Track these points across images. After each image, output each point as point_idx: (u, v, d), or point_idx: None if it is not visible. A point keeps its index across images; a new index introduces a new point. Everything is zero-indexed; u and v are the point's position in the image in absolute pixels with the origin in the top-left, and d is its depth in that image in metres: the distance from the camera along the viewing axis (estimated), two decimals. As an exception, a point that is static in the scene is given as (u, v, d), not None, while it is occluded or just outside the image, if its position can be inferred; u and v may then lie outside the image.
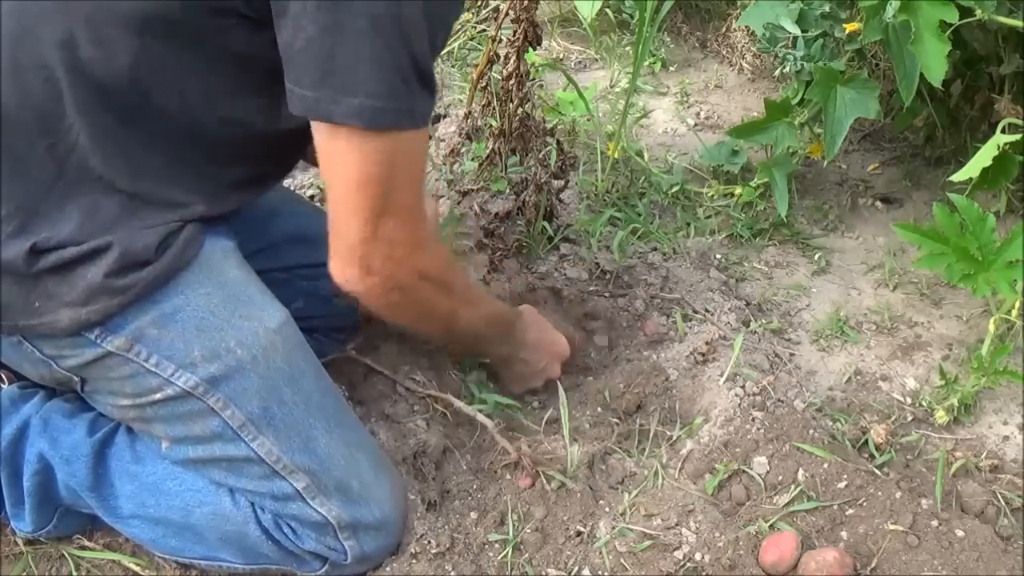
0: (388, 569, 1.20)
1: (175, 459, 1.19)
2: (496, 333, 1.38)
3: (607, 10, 2.62)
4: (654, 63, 2.53)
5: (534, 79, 1.90)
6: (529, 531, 1.22)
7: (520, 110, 1.72)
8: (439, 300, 1.19)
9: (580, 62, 2.59)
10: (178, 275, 1.09)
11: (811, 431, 1.29)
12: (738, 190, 1.93)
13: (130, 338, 1.07)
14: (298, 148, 1.22)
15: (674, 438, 1.41)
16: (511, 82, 1.68)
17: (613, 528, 1.20)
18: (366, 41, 0.95)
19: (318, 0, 0.94)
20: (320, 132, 1.02)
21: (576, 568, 1.17)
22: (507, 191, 1.79)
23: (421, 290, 1.14)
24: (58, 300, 1.05)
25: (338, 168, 1.04)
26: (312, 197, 1.92)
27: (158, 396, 1.10)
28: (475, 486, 1.28)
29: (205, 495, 1.19)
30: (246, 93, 1.08)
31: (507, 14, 1.63)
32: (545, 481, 1.26)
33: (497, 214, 1.72)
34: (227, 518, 1.19)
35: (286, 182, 1.71)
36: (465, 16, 2.53)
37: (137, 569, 1.25)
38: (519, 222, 1.74)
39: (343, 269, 1.09)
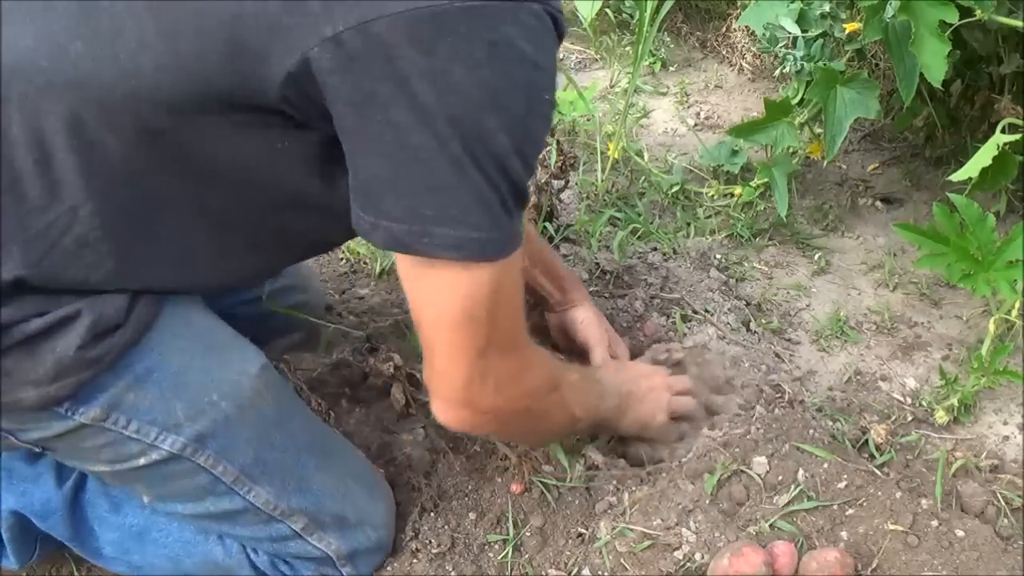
0: (388, 569, 1.20)
1: (160, 512, 1.14)
2: (593, 393, 1.23)
3: (607, 10, 2.63)
4: (654, 63, 2.53)
5: (534, 79, 1.90)
6: (529, 531, 1.22)
7: (520, 110, 1.72)
8: (552, 401, 1.11)
9: (580, 62, 2.59)
10: (148, 333, 0.99)
11: (811, 431, 1.29)
12: (738, 190, 1.93)
13: (105, 407, 0.98)
14: (312, 252, 1.18)
15: (673, 437, 1.41)
16: (511, 82, 1.68)
17: (613, 528, 1.19)
18: (460, 167, 0.84)
19: (401, 120, 0.82)
20: (407, 264, 0.91)
21: (576, 568, 1.17)
22: (507, 191, 1.79)
23: (536, 405, 1.08)
24: (20, 378, 0.93)
25: (434, 305, 0.93)
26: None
27: (141, 462, 1.02)
28: (471, 487, 1.28)
29: (193, 545, 1.16)
30: (271, 197, 0.97)
31: (507, 14, 1.63)
32: (543, 487, 1.25)
33: (497, 214, 1.72)
34: (218, 565, 1.16)
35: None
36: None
37: (137, 569, 1.25)
38: (519, 222, 1.74)
39: (450, 412, 1.01)
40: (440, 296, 0.92)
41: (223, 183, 0.95)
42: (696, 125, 2.27)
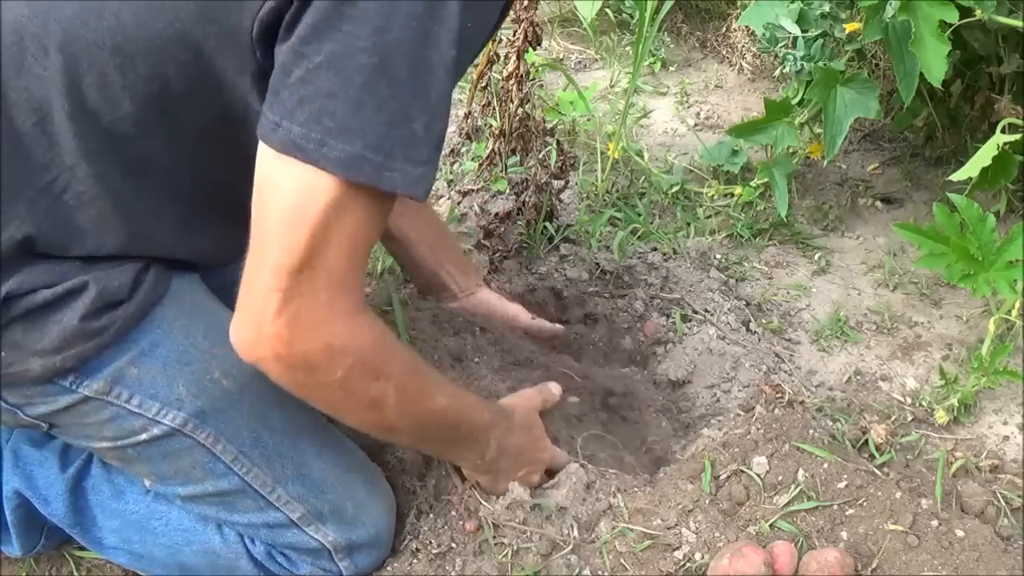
0: (388, 569, 1.20)
1: (162, 496, 1.15)
2: (461, 437, 1.13)
3: (607, 10, 2.63)
4: (654, 63, 2.53)
5: (534, 79, 1.90)
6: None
7: (520, 110, 1.72)
8: (361, 385, 0.98)
9: (580, 62, 2.59)
10: (152, 310, 1.01)
11: (811, 431, 1.29)
12: (738, 190, 1.93)
13: (109, 380, 1.00)
14: None
15: (673, 437, 1.41)
16: (511, 82, 1.69)
17: (613, 528, 1.19)
18: (374, 86, 0.83)
19: (329, 38, 0.83)
20: (268, 157, 0.87)
21: (576, 568, 1.17)
22: (507, 191, 1.79)
23: (333, 370, 0.94)
24: (27, 349, 0.96)
25: (271, 201, 0.88)
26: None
27: (143, 437, 1.03)
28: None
29: (193, 534, 1.16)
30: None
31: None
32: (491, 527, 1.22)
33: (497, 214, 1.73)
34: (217, 555, 1.17)
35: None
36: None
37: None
38: (519, 222, 1.74)
39: (240, 330, 0.92)
40: (281, 191, 0.87)
41: (206, 145, 0.97)
42: (696, 125, 2.27)
